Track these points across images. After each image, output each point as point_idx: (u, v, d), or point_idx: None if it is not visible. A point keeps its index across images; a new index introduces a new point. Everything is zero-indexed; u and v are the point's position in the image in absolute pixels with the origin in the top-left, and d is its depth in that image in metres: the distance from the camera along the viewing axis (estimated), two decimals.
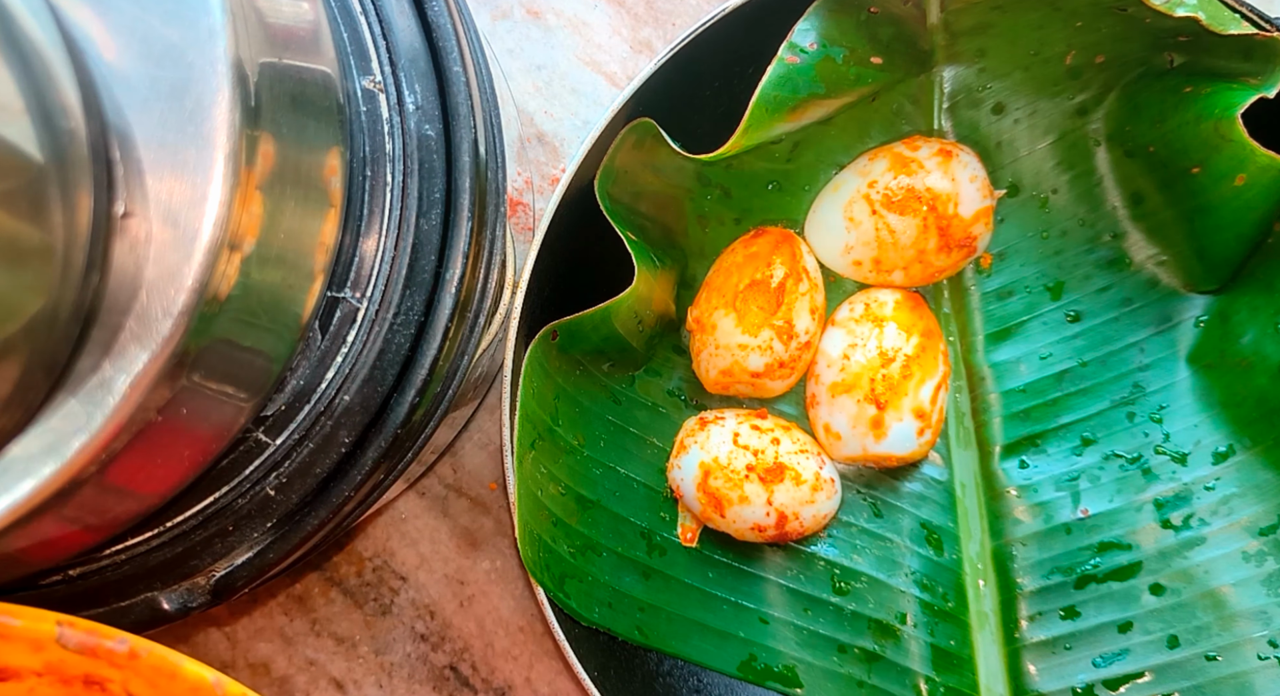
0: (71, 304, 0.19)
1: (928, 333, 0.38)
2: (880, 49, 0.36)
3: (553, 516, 0.36)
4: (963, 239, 0.37)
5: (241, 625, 0.42)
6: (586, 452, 0.37)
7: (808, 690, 0.37)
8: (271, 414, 0.27)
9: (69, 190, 0.18)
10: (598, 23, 0.43)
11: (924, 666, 0.38)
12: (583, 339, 0.36)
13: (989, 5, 0.35)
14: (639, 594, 0.37)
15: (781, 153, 0.38)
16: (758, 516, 0.36)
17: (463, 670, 0.41)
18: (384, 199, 0.27)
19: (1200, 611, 0.36)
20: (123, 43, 0.20)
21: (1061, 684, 0.37)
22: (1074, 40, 0.36)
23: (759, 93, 0.34)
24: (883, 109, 0.38)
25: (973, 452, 0.40)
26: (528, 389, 0.34)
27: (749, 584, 0.38)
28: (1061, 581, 0.38)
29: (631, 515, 0.38)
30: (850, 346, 0.37)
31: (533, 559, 0.34)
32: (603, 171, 0.35)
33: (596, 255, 0.36)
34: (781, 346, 0.37)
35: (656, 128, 0.35)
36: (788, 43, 0.34)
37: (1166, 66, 0.35)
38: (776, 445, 0.37)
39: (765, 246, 0.38)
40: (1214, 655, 0.36)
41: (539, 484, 0.35)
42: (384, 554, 0.42)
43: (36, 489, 0.20)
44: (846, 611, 0.38)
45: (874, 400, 0.37)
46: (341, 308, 0.27)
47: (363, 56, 0.27)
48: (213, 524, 0.27)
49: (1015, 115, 0.38)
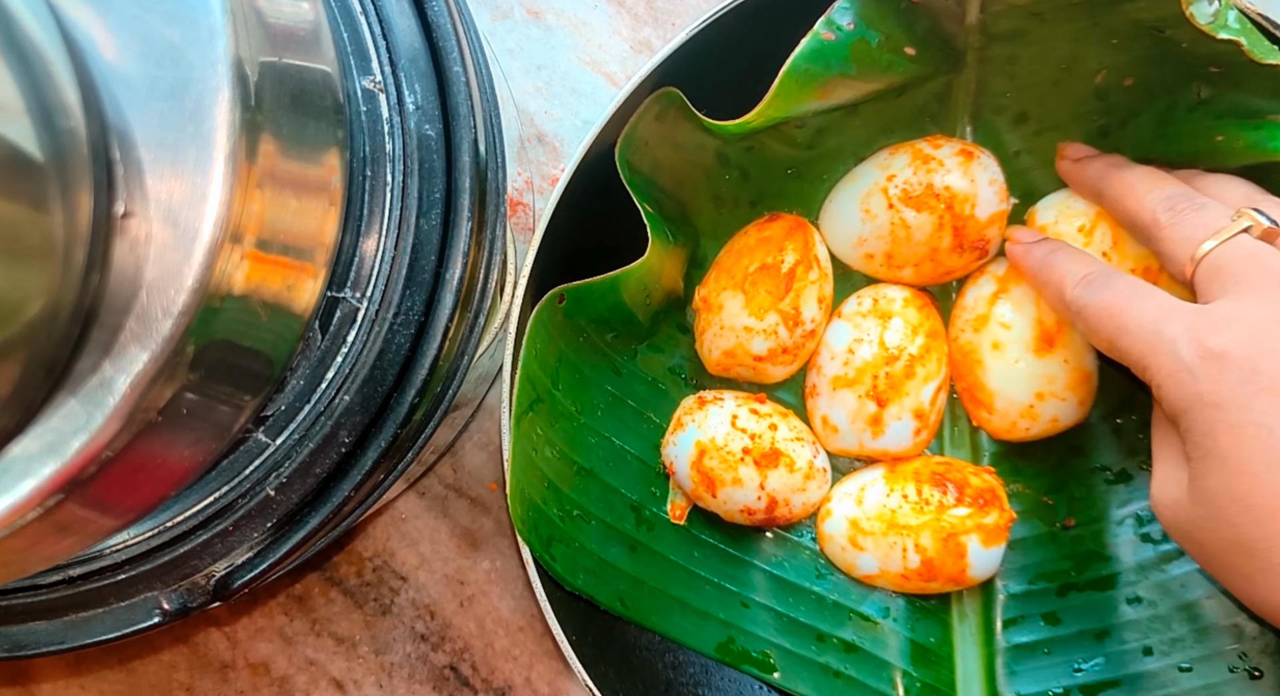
0: (71, 304, 0.19)
1: (933, 333, 0.38)
2: (915, 40, 0.36)
3: (545, 478, 0.35)
4: (976, 241, 0.37)
5: (241, 625, 0.42)
6: (583, 420, 0.37)
7: (783, 676, 0.37)
8: (271, 414, 0.27)
9: (69, 190, 0.18)
10: (598, 23, 0.43)
11: (902, 661, 0.38)
12: (589, 306, 0.36)
13: (1029, 11, 0.35)
14: (624, 565, 0.37)
15: (804, 138, 0.38)
16: (749, 499, 0.37)
17: (463, 670, 0.41)
18: (384, 199, 0.27)
19: (1175, 623, 0.36)
20: (123, 42, 0.20)
21: (1038, 687, 0.37)
22: (1106, 59, 0.36)
23: (790, 63, 0.34)
24: (908, 104, 0.38)
25: (965, 454, 0.40)
26: (530, 349, 0.34)
27: (734, 566, 0.39)
28: (1045, 587, 0.38)
29: (623, 486, 0.38)
30: (855, 341, 0.37)
31: (522, 517, 0.34)
32: (623, 139, 0.35)
33: (609, 225, 0.35)
34: (786, 332, 0.37)
35: (682, 97, 0.34)
36: (825, 18, 0.34)
37: (1194, 99, 0.35)
38: (773, 430, 0.37)
39: (778, 231, 0.38)
40: (1187, 666, 0.36)
41: (534, 445, 0.35)
42: (384, 554, 0.42)
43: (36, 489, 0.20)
44: (828, 601, 0.38)
45: (875, 397, 0.37)
46: (341, 308, 0.27)
47: (363, 56, 0.27)
48: (213, 524, 0.27)
49: (1036, 126, 0.38)
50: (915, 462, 0.38)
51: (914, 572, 0.37)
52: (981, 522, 0.36)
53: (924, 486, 0.37)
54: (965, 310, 0.38)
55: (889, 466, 0.38)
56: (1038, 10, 0.35)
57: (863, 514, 0.37)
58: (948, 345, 0.38)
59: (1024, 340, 0.36)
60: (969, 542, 0.36)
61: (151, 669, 0.42)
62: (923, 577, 0.37)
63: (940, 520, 0.36)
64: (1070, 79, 0.37)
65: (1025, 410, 0.37)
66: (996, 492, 0.37)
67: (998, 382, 0.37)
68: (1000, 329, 0.37)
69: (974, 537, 0.36)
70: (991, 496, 0.37)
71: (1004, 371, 0.37)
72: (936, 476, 0.37)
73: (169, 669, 0.42)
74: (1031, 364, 0.36)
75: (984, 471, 0.38)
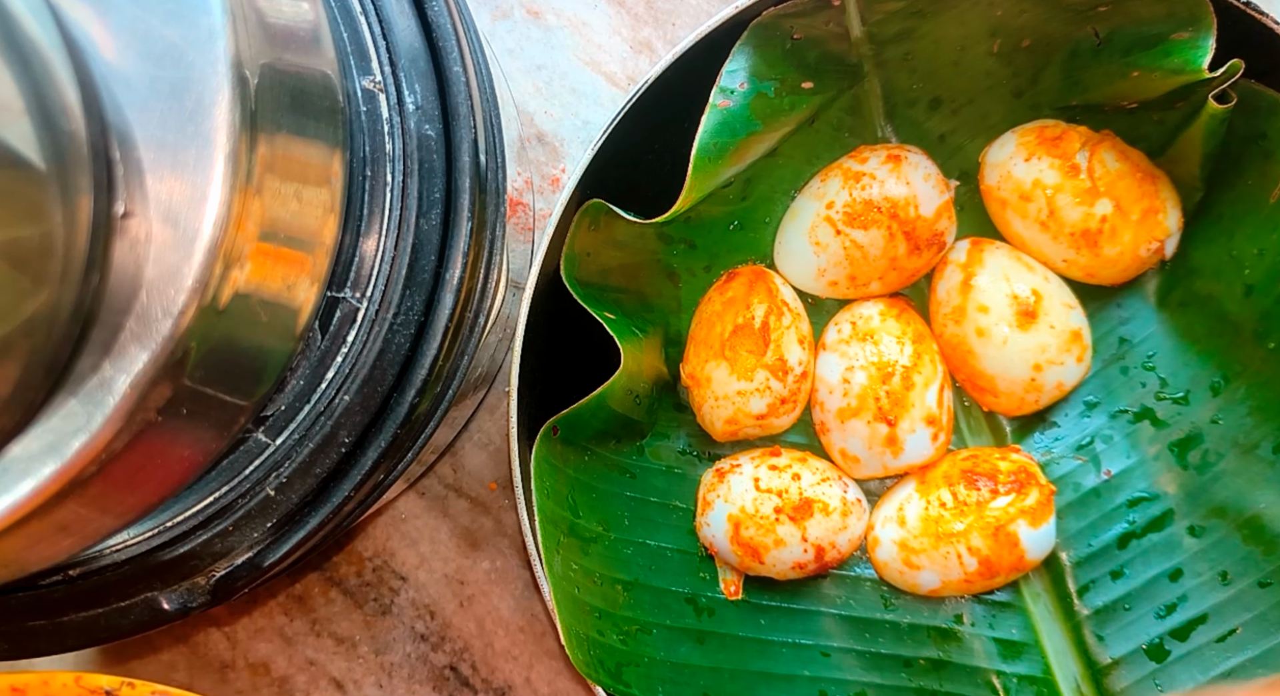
0: (71, 304, 0.19)
1: (918, 337, 0.37)
2: (809, 73, 0.36)
3: (594, 610, 0.35)
4: (930, 237, 0.37)
5: (241, 625, 0.42)
6: (613, 536, 0.37)
7: None
8: (271, 414, 0.27)
9: (69, 190, 0.18)
10: (598, 23, 0.43)
11: (991, 661, 0.38)
12: (584, 427, 0.36)
13: (908, 11, 0.35)
14: (698, 660, 0.36)
15: (735, 193, 0.38)
16: (796, 555, 0.36)
17: (463, 670, 0.41)
18: (384, 199, 0.27)
19: (1241, 542, 0.36)
20: (123, 43, 0.20)
21: (1131, 645, 0.37)
22: (997, 29, 0.36)
23: (698, 145, 0.34)
24: (824, 128, 0.38)
25: (987, 439, 0.40)
26: (541, 490, 0.34)
27: (803, 621, 0.38)
28: (1106, 545, 0.38)
29: (672, 585, 0.37)
30: (848, 369, 0.37)
31: (584, 660, 0.33)
32: (565, 259, 0.35)
33: (577, 338, 0.35)
34: (779, 384, 0.37)
35: (607, 206, 0.35)
36: (718, 87, 0.34)
37: (1095, 41, 0.35)
38: (798, 481, 0.36)
39: (740, 289, 0.37)
40: (1267, 581, 0.36)
41: (574, 583, 0.35)
42: (384, 554, 0.42)
43: (36, 489, 0.20)
44: (903, 625, 0.38)
45: (884, 419, 0.37)
46: (341, 307, 0.27)
47: (363, 56, 0.27)
48: (213, 524, 0.27)
49: (952, 106, 0.38)
50: (942, 465, 0.38)
51: (975, 575, 0.36)
52: (1024, 506, 0.36)
53: (957, 488, 0.37)
54: (941, 305, 0.38)
55: (919, 477, 0.38)
56: (917, 8, 0.35)
57: (909, 533, 0.37)
58: (936, 343, 0.38)
59: (1005, 319, 0.36)
60: (1019, 529, 0.36)
61: (151, 668, 0.42)
62: (984, 576, 0.37)
63: (984, 516, 0.36)
64: (968, 56, 0.37)
65: (1029, 384, 0.37)
66: (1029, 470, 0.37)
67: (994, 366, 0.37)
68: (980, 315, 0.37)
69: (1021, 523, 0.36)
70: (1026, 475, 0.37)
71: (996, 354, 0.37)
72: (966, 474, 0.37)
73: (169, 668, 0.42)
74: (1020, 339, 0.36)
75: (1010, 451, 0.38)
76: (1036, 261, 0.38)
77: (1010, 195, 0.37)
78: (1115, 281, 0.38)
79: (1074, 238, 0.36)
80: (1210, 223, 0.37)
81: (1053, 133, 0.37)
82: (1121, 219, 0.36)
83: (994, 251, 0.38)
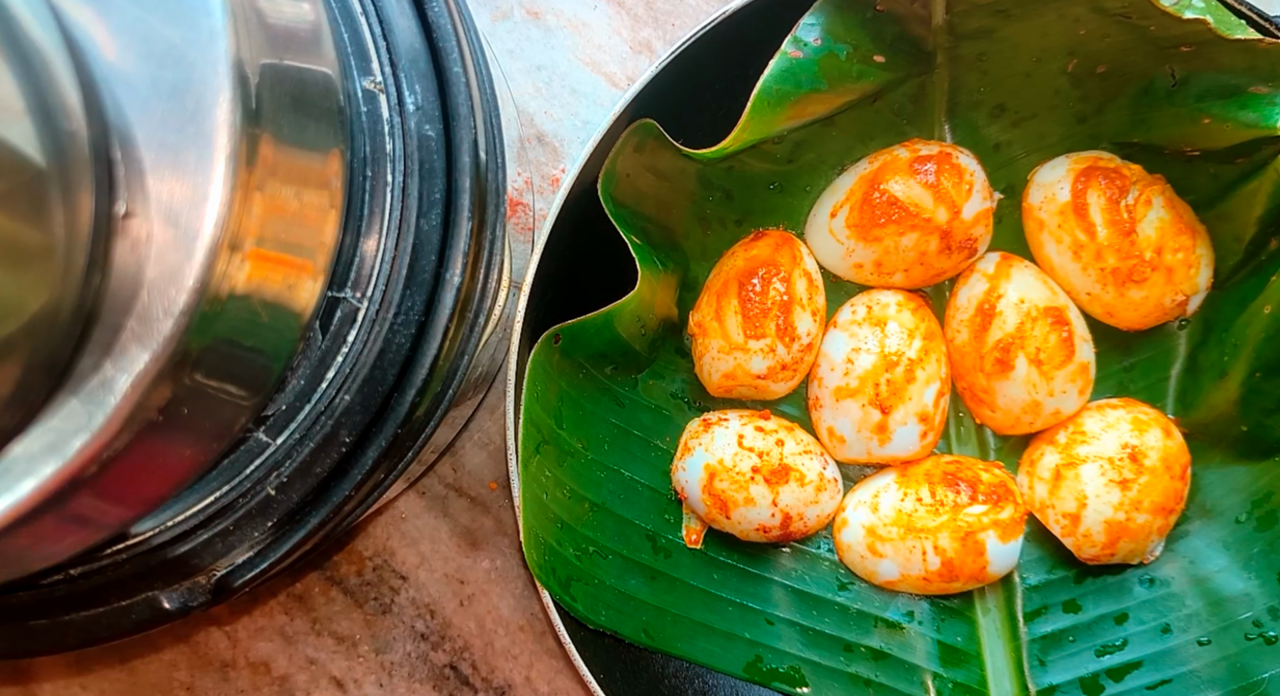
0: (72, 304, 0.19)
1: (929, 335, 0.37)
2: (884, 47, 0.36)
3: (558, 520, 0.36)
4: (964, 241, 0.37)
5: (242, 624, 0.42)
6: (590, 456, 0.37)
7: (814, 690, 0.37)
8: (272, 414, 0.27)
9: (70, 190, 0.18)
10: (598, 23, 0.43)
11: (931, 663, 0.38)
12: (586, 342, 0.36)
13: (993, 9, 0.35)
14: (644, 596, 0.37)
15: (783, 153, 0.38)
16: (763, 517, 0.36)
17: (463, 669, 0.41)
18: (384, 199, 0.27)
19: (1189, 598, 0.37)
20: (124, 43, 0.20)
21: (1068, 675, 0.38)
22: (1076, 48, 0.36)
23: (761, 85, 0.34)
24: (884, 110, 0.38)
25: (972, 451, 0.40)
26: (531, 392, 0.34)
27: (754, 585, 0.38)
28: (1063, 576, 0.39)
29: (636, 517, 0.38)
30: (853, 350, 0.37)
31: (538, 562, 0.34)
32: (605, 174, 0.35)
33: (598, 258, 0.35)
34: (784, 349, 0.37)
35: (658, 128, 0.35)
36: (792, 37, 0.34)
37: (1170, 81, 0.35)
38: (780, 446, 0.37)
39: (766, 249, 0.38)
40: (1205, 640, 0.36)
41: (543, 487, 0.35)
42: (384, 553, 0.42)
43: (37, 488, 0.20)
44: (852, 610, 0.38)
45: (878, 405, 0.37)
46: (342, 307, 0.27)
47: (363, 57, 0.27)
48: (213, 523, 0.27)
49: (1013, 118, 0.38)
50: (926, 464, 0.38)
51: (935, 574, 0.37)
52: (998, 518, 0.36)
53: (937, 487, 0.37)
54: (959, 311, 0.38)
55: (900, 470, 0.38)
56: (1003, 7, 0.35)
57: (879, 520, 0.37)
58: (945, 345, 0.38)
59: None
60: (987, 540, 0.36)
61: (152, 668, 0.42)
62: (944, 578, 0.37)
63: (957, 520, 0.36)
64: (1042, 70, 0.37)
65: (1027, 405, 0.37)
66: (1008, 487, 0.37)
67: (997, 382, 0.37)
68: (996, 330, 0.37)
69: (991, 534, 0.36)
70: (1005, 491, 0.37)
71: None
72: (948, 476, 0.37)
73: (169, 668, 0.42)
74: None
75: (994, 466, 0.38)
76: (1060, 289, 0.38)
77: (1050, 217, 0.37)
78: (1132, 327, 0.38)
79: (1103, 274, 0.36)
80: (1238, 288, 0.37)
81: (1107, 165, 0.37)
82: (1154, 266, 0.36)
83: (1022, 269, 0.38)
